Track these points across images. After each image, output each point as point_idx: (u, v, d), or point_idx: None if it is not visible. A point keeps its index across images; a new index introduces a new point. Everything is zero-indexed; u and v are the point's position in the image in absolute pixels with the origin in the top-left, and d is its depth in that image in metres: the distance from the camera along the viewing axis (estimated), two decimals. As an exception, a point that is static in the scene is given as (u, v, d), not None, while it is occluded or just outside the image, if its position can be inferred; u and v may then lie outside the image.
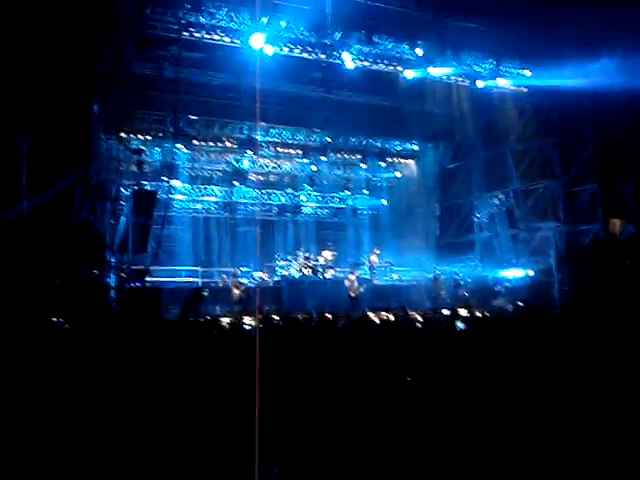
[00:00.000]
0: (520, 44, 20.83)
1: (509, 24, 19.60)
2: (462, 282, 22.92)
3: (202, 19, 17.53)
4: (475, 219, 25.82)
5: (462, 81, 22.18)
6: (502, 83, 22.37)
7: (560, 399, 5.82)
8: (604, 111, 20.07)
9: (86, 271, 15.89)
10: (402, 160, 29.40)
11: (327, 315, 11.93)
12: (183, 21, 17.28)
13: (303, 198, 28.30)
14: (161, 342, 8.55)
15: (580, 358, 6.77)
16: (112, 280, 17.29)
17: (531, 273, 22.67)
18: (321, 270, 22.26)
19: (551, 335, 9.00)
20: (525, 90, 23.11)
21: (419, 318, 13.25)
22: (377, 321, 12.47)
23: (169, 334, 9.28)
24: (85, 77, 16.21)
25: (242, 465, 4.70)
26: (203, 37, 17.90)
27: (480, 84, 22.15)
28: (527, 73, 22.08)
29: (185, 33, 17.53)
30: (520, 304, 16.11)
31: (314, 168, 27.44)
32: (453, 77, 21.83)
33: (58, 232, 15.59)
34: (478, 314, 14.15)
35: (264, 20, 17.90)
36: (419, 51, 20.11)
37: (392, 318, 13.27)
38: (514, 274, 23.06)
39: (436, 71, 21.01)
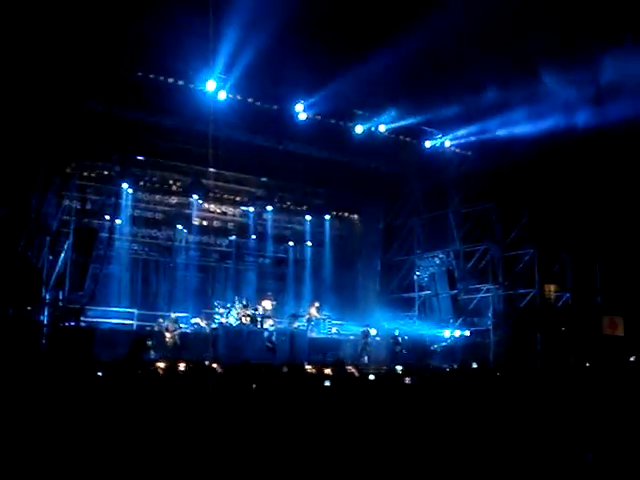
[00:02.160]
0: (466, 106, 21.38)
1: (458, 88, 20.23)
2: (400, 339, 22.94)
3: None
4: (416, 277, 26.02)
5: (410, 140, 22.59)
6: (448, 145, 22.88)
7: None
8: (544, 178, 20.68)
9: (19, 307, 15.47)
10: (347, 214, 29.57)
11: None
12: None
13: (245, 246, 28.18)
14: (93, 383, 8.32)
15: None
16: (45, 317, 16.84)
17: (468, 334, 22.90)
18: (260, 319, 22.05)
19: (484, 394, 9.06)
20: (469, 154, 23.68)
21: (356, 373, 13.23)
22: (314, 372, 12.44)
23: (103, 375, 9.05)
24: (31, 109, 16.02)
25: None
26: (156, 78, 17.88)
27: (427, 144, 22.62)
28: (471, 138, 22.61)
29: (139, 73, 17.48)
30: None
31: (259, 216, 27.40)
32: (401, 136, 22.23)
33: (-7, 264, 15.21)
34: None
35: (219, 66, 18.01)
36: (370, 109, 20.44)
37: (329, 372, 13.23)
38: (451, 334, 23.24)
39: (385, 129, 21.38)
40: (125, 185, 22.72)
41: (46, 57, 16.05)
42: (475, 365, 16.09)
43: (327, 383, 10.06)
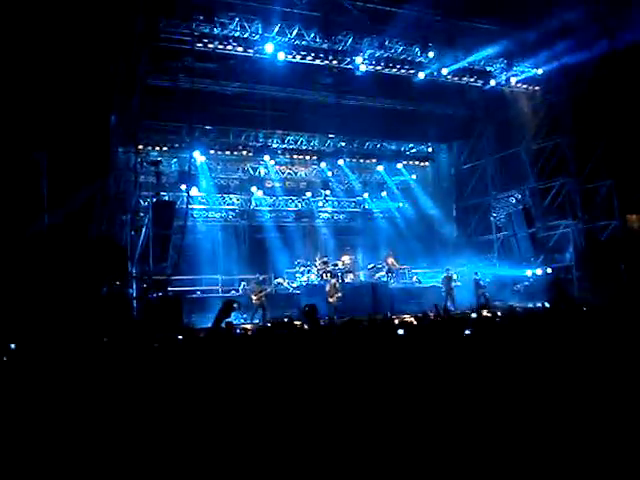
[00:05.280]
0: (531, 43, 20.84)
1: (519, 23, 19.73)
2: (482, 282, 22.80)
3: (215, 30, 17.71)
4: (492, 219, 25.77)
5: (474, 81, 22.20)
6: (514, 82, 22.38)
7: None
8: (617, 107, 20.04)
9: (109, 283, 16.10)
10: (417, 162, 29.37)
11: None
12: (196, 32, 17.45)
13: (320, 203, 28.43)
14: (187, 349, 8.66)
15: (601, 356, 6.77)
16: (134, 291, 17.48)
17: (549, 271, 22.62)
18: (340, 275, 22.32)
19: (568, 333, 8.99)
20: (537, 89, 23.14)
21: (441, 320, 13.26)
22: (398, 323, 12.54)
23: (193, 341, 9.39)
24: (101, 91, 16.45)
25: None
26: (216, 47, 18.08)
27: (492, 83, 22.19)
28: (539, 71, 22.07)
29: (198, 44, 17.71)
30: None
31: (330, 173, 27.55)
32: (465, 77, 21.86)
33: (79, 245, 15.83)
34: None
35: (275, 28, 18.06)
36: (430, 53, 20.11)
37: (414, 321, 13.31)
38: (533, 273, 23.01)
39: (448, 72, 21.03)
40: (197, 154, 23.14)
41: (107, 38, 16.44)
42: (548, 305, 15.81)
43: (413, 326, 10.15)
